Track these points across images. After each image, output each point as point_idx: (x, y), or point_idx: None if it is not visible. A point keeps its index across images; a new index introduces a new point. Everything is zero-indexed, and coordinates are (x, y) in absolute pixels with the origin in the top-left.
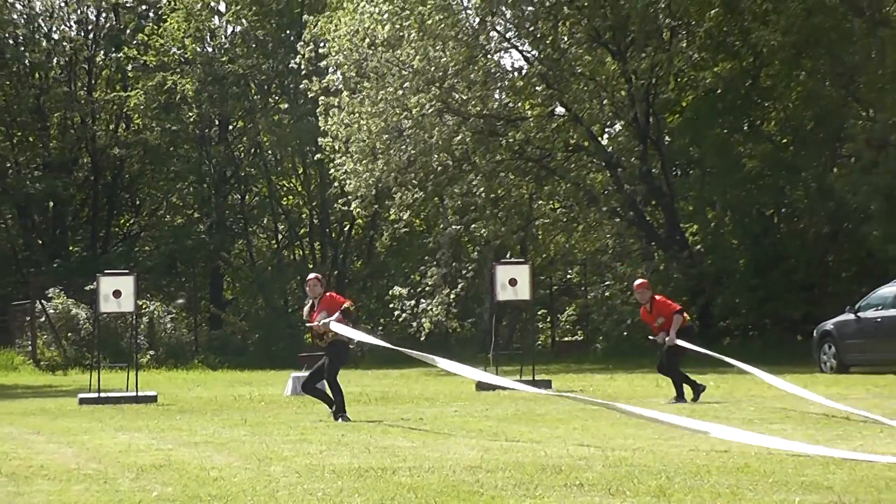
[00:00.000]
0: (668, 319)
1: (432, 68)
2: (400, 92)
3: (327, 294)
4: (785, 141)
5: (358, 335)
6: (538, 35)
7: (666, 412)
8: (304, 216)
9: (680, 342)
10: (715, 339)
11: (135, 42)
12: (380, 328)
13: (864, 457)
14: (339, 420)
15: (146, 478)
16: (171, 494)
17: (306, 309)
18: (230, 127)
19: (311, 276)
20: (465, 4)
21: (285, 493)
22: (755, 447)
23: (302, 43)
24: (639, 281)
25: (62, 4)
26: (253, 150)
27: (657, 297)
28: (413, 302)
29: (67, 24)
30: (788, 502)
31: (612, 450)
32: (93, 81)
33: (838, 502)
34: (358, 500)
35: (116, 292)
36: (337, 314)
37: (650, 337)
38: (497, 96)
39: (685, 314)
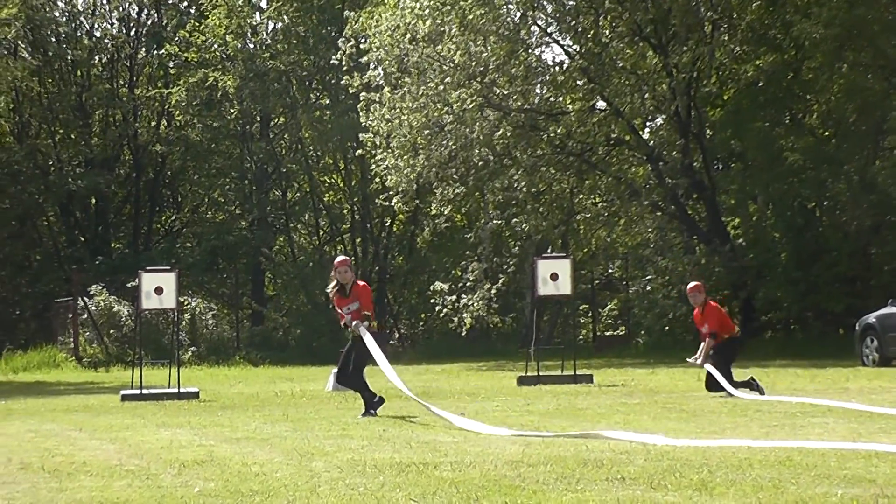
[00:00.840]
0: (711, 329)
1: (473, 63)
2: (441, 87)
3: (361, 283)
4: (827, 134)
5: (382, 361)
6: (579, 29)
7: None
8: (345, 212)
9: (708, 367)
10: (757, 333)
11: (176, 39)
12: (421, 324)
13: None
14: (365, 416)
15: (188, 473)
16: (213, 490)
17: (331, 288)
18: (271, 123)
19: (341, 258)
20: None
21: (327, 489)
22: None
23: (343, 39)
24: (692, 284)
25: (104, 2)
26: (294, 147)
27: (712, 303)
28: (454, 297)
29: (109, 21)
30: (831, 495)
31: (654, 444)
32: (134, 78)
33: (881, 495)
34: (399, 495)
35: (158, 289)
36: (366, 322)
37: (687, 360)
38: (538, 91)
39: (734, 327)
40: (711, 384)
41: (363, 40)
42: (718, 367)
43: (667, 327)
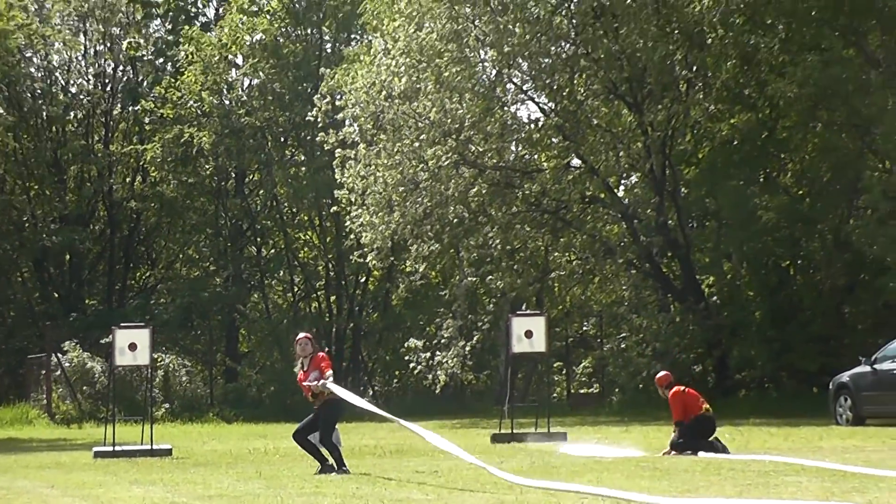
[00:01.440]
0: (675, 418)
1: (449, 120)
2: (416, 144)
3: (320, 354)
4: (801, 192)
5: (352, 398)
6: (554, 87)
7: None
8: (320, 269)
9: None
10: (731, 391)
11: (152, 95)
12: (395, 381)
13: None
14: (339, 473)
15: None
16: None
17: (298, 369)
18: (246, 180)
19: (302, 335)
20: (482, 57)
21: None
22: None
23: (319, 95)
24: (658, 375)
25: (80, 58)
26: (269, 203)
27: (673, 391)
28: (428, 354)
29: (85, 77)
30: None
31: (628, 502)
32: (110, 134)
33: None
34: None
35: (132, 345)
36: (329, 374)
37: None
38: (513, 148)
39: (699, 408)
40: (676, 446)
41: (339, 97)
42: (686, 443)
43: (641, 385)
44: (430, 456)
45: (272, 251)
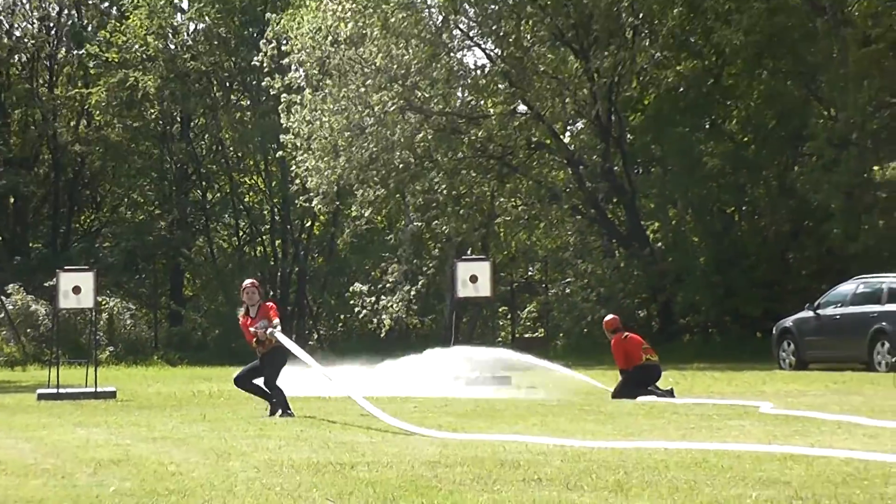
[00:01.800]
0: (619, 366)
1: (395, 66)
2: (362, 89)
3: (268, 303)
4: (746, 139)
5: (297, 350)
6: (501, 33)
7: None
8: (265, 213)
9: (642, 399)
10: (675, 336)
11: (97, 39)
12: (340, 325)
13: (821, 452)
14: (283, 416)
15: (104, 473)
16: (128, 489)
17: (242, 313)
18: (192, 124)
19: (248, 282)
20: (429, 3)
21: (243, 488)
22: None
23: (265, 40)
24: (606, 318)
25: (24, 1)
26: (215, 147)
27: (614, 338)
28: (373, 298)
29: (29, 20)
30: (745, 497)
31: (571, 445)
32: (54, 78)
33: (795, 497)
34: (316, 495)
35: (76, 288)
36: (277, 323)
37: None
38: (459, 94)
39: (646, 353)
40: (617, 394)
41: (285, 42)
42: (626, 391)
43: (585, 330)
44: (376, 399)
45: (217, 195)
